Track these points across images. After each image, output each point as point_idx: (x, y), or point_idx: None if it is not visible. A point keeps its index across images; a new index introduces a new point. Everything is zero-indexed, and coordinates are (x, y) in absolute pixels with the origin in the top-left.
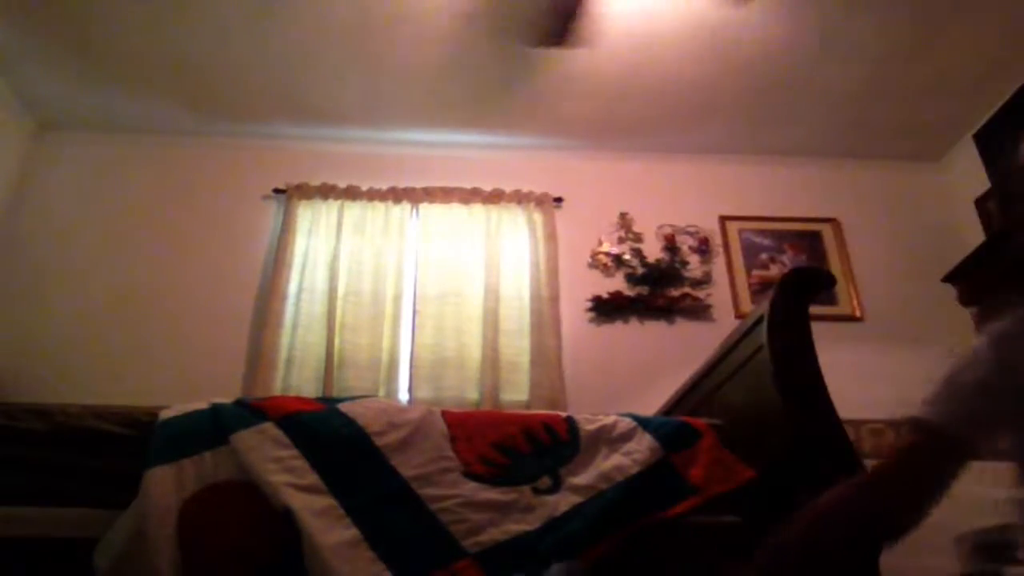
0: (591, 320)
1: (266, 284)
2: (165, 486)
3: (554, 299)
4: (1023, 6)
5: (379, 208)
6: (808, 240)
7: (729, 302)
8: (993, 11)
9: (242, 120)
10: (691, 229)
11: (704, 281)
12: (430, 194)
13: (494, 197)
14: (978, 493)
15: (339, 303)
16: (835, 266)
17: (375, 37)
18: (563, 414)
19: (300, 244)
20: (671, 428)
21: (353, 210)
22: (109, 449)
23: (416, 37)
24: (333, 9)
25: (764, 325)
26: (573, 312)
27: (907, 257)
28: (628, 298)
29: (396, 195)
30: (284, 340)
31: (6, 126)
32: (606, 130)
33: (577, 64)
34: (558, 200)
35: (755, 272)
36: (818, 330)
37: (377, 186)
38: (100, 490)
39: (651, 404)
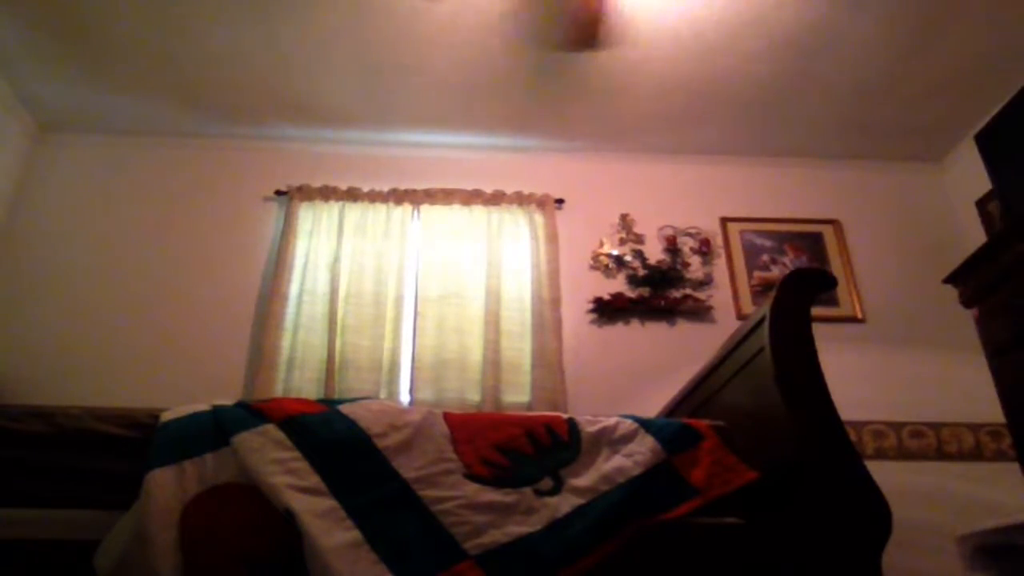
0: (592, 321)
1: (267, 286)
2: (166, 488)
3: (555, 300)
4: (1023, 6)
5: (380, 210)
6: (809, 241)
7: (730, 303)
8: (994, 11)
9: (243, 122)
10: (692, 230)
11: (705, 282)
12: (431, 195)
13: (495, 198)
14: (978, 494)
15: (340, 305)
16: (836, 267)
17: (376, 38)
18: (564, 415)
19: (301, 246)
20: (673, 430)
21: (354, 212)
22: (110, 451)
23: (417, 38)
24: (334, 10)
25: (766, 326)
26: (574, 313)
27: (908, 258)
28: (629, 299)
29: (397, 197)
30: (285, 342)
31: (6, 127)
32: (607, 131)
33: (578, 66)
34: (559, 201)
35: (756, 273)
36: (819, 331)
37: (378, 188)
38: (101, 492)
39: (652, 405)
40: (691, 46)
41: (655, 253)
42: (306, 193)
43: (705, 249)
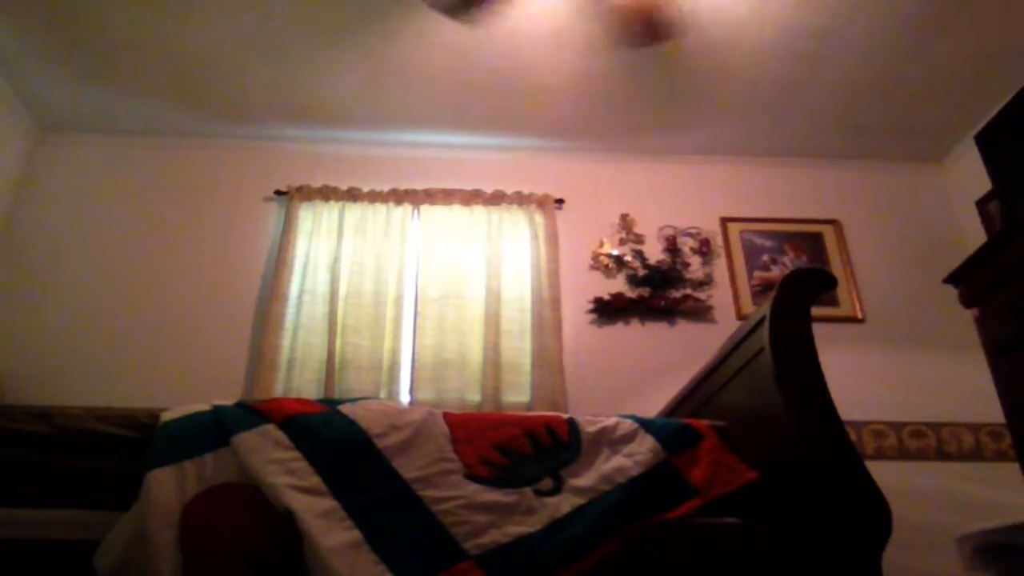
0: (592, 321)
1: (267, 286)
2: (166, 488)
3: (555, 300)
4: (1023, 7)
5: (380, 210)
6: (809, 241)
7: (730, 303)
8: (994, 12)
9: (243, 122)
10: (692, 230)
11: (705, 282)
12: (431, 196)
13: (495, 199)
14: (978, 494)
15: (340, 305)
16: (836, 267)
17: (375, 38)
18: (564, 415)
19: (301, 246)
20: (673, 430)
21: (354, 212)
22: (110, 451)
23: (416, 38)
24: (334, 10)
25: (766, 326)
26: (574, 313)
27: (908, 258)
28: (629, 299)
29: (397, 197)
30: (285, 342)
31: (7, 127)
32: (607, 131)
33: (577, 65)
34: (559, 202)
35: (756, 273)
36: (819, 331)
37: (378, 188)
38: (101, 492)
39: (652, 406)
40: (690, 47)
41: (655, 253)
42: (306, 193)
43: (705, 249)
